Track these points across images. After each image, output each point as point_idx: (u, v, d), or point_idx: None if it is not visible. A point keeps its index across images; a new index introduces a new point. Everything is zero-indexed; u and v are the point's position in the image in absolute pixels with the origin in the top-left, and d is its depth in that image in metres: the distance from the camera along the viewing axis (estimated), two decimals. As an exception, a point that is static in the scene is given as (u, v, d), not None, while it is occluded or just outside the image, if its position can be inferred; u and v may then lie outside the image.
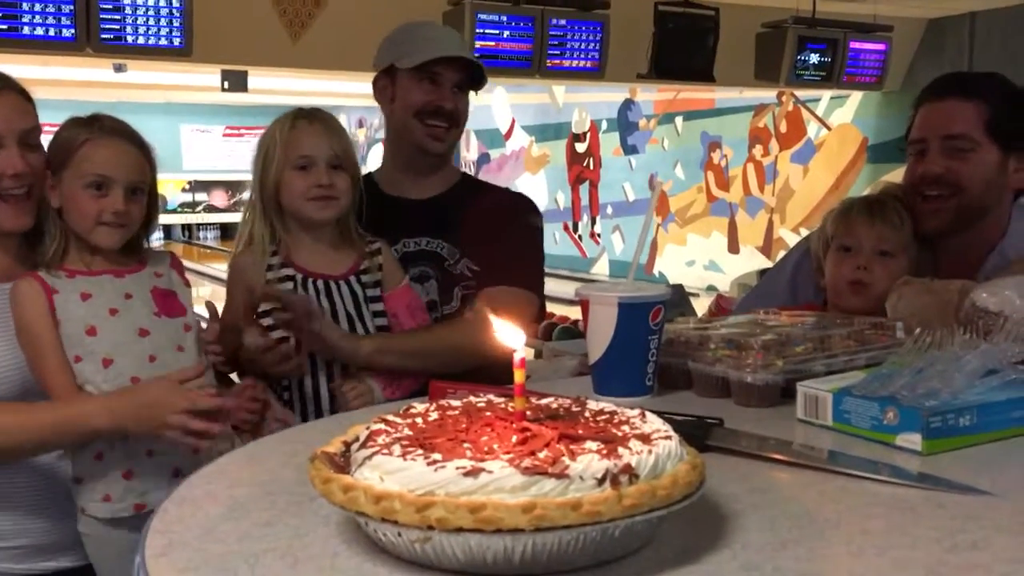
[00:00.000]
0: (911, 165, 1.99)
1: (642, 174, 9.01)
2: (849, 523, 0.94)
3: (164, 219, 14.83)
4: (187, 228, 15.13)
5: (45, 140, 1.79)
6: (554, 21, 4.94)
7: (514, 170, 11.30)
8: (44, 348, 1.69)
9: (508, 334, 0.95)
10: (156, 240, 14.80)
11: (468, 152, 12.15)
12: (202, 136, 14.67)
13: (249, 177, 2.06)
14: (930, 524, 0.93)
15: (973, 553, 0.86)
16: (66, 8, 4.04)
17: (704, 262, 8.14)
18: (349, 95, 11.68)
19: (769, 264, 7.42)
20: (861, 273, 1.86)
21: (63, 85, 9.28)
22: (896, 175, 6.96)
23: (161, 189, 1.96)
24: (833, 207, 2.05)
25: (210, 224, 15.34)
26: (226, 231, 15.26)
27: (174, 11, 4.27)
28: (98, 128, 1.77)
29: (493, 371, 1.48)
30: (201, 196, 14.93)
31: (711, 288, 7.34)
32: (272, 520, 0.95)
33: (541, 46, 4.93)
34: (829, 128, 7.44)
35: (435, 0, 4.79)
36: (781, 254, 7.84)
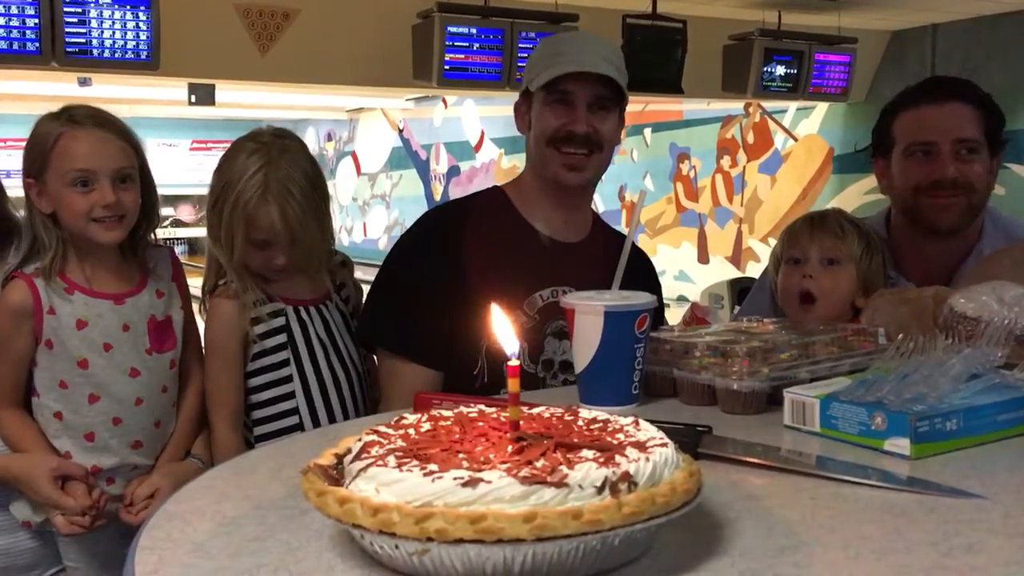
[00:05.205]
0: (915, 165, 2.00)
1: (611, 185, 9.02)
2: (844, 528, 0.93)
3: (130, 235, 14.66)
4: (154, 243, 14.99)
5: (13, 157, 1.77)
6: (523, 34, 4.94)
7: (484, 182, 11.26)
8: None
9: (504, 341, 0.94)
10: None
11: (438, 164, 12.13)
12: (169, 150, 14.50)
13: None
14: (924, 528, 0.93)
15: (969, 556, 0.87)
16: (31, 22, 3.98)
17: (674, 272, 8.16)
18: (318, 108, 11.63)
19: (739, 274, 7.47)
20: (808, 282, 1.88)
21: (27, 100, 9.14)
22: (861, 185, 6.96)
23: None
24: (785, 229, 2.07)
25: (178, 239, 15.15)
26: (193, 246, 15.06)
27: (140, 24, 4.22)
28: (67, 119, 1.68)
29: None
30: (168, 211, 14.75)
31: (681, 298, 7.35)
32: (263, 535, 0.93)
33: (511, 59, 4.93)
34: (796, 139, 7.51)
35: (405, 14, 4.78)
36: (750, 264, 7.89)
